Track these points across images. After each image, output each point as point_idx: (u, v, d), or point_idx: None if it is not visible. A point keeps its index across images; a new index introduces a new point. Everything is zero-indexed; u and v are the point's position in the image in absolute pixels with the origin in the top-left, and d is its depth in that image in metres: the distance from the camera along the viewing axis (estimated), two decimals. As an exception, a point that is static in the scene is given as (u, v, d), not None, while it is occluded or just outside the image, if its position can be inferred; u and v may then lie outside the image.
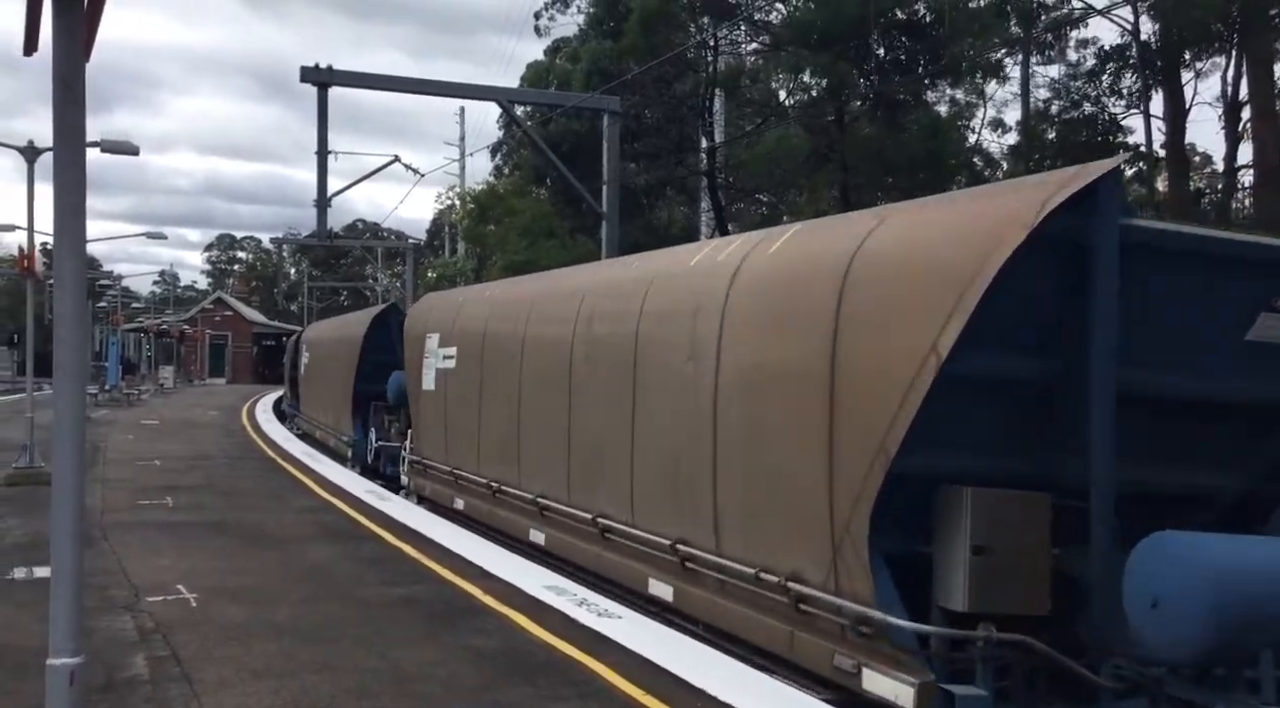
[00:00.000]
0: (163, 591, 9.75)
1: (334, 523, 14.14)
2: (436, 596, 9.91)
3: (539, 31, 39.08)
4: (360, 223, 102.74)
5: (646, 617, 9.16)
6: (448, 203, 55.67)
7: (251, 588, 10.01)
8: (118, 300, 68.21)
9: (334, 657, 7.79)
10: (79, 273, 4.58)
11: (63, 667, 4.50)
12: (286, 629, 8.53)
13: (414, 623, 8.86)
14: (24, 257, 19.89)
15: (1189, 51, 25.04)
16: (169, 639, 8.16)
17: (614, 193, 23.66)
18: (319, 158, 22.35)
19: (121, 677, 7.26)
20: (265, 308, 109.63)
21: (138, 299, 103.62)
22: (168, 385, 59.29)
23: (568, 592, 9.93)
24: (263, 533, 13.16)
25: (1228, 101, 25.90)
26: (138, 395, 46.58)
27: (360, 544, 12.60)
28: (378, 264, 75.45)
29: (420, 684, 7.18)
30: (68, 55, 4.41)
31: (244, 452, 24.21)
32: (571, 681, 7.29)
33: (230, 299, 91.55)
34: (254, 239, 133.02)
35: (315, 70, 21.43)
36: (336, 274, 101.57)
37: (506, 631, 8.63)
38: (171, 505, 15.32)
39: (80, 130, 4.52)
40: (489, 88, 25.63)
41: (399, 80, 23.19)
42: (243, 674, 7.32)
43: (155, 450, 23.09)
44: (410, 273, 45.57)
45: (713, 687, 7.04)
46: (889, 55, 29.47)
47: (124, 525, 13.37)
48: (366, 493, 16.91)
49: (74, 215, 4.47)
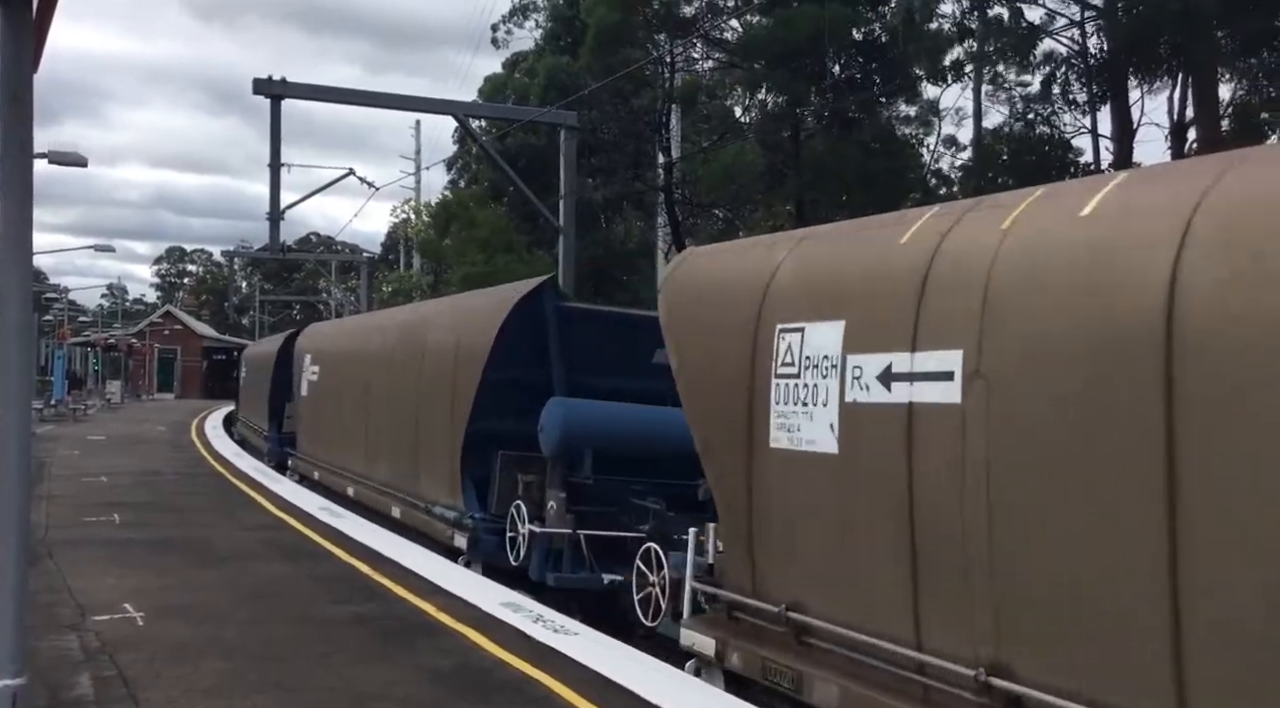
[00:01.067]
0: (109, 609, 9.55)
1: (286, 540, 13.96)
2: (390, 613, 9.80)
3: (496, 44, 39.21)
4: (314, 236, 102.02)
5: (601, 633, 9.13)
6: (403, 216, 55.41)
7: (200, 606, 9.84)
8: (64, 314, 67.13)
9: (286, 676, 7.67)
10: (25, 286, 4.49)
11: (5, 689, 4.40)
12: (236, 648, 8.39)
13: (368, 641, 8.75)
14: (-32, 268, 19.51)
15: (1138, 71, 25.51)
16: (115, 659, 7.99)
17: (570, 207, 23.69)
18: (272, 171, 22.23)
19: (66, 697, 7.10)
20: (216, 322, 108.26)
21: (85, 313, 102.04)
22: (115, 400, 58.29)
23: (523, 608, 9.88)
24: (212, 550, 12.96)
25: (1173, 123, 26.44)
26: (84, 411, 45.79)
27: (313, 562, 12.45)
28: (332, 278, 74.89)
29: (375, 704, 7.09)
30: (16, 65, 4.35)
31: (193, 468, 23.86)
32: (528, 698, 7.24)
33: (180, 313, 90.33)
34: (205, 252, 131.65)
35: (268, 82, 21.30)
36: (289, 288, 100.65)
37: (462, 648, 8.56)
38: (118, 522, 15.04)
39: (28, 141, 4.45)
40: (445, 102, 25.61)
41: (353, 93, 23.12)
42: (191, 694, 7.18)
43: (102, 466, 22.67)
44: (365, 287, 45.27)
45: (668, 703, 7.02)
46: (844, 73, 29.77)
47: (69, 543, 13.10)
48: (319, 510, 16.72)
49: (21, 227, 4.39)
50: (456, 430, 13.24)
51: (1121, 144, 26.34)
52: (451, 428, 13.42)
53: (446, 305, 16.51)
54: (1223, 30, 23.11)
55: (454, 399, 13.44)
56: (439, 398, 14.01)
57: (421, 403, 14.87)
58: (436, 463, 14.08)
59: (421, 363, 15.07)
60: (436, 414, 14.14)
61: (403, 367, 15.98)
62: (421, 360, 15.10)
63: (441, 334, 14.66)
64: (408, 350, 15.93)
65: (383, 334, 18.09)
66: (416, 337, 15.75)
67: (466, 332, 13.70)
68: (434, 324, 15.46)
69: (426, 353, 14.99)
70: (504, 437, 12.73)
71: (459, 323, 14.29)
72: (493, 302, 13.78)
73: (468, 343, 13.44)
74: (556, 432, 11.68)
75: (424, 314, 16.95)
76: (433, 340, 14.93)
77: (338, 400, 20.12)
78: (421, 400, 14.89)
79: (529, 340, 12.86)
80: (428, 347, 15.03)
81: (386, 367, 16.94)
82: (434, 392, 14.34)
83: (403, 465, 15.71)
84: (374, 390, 17.50)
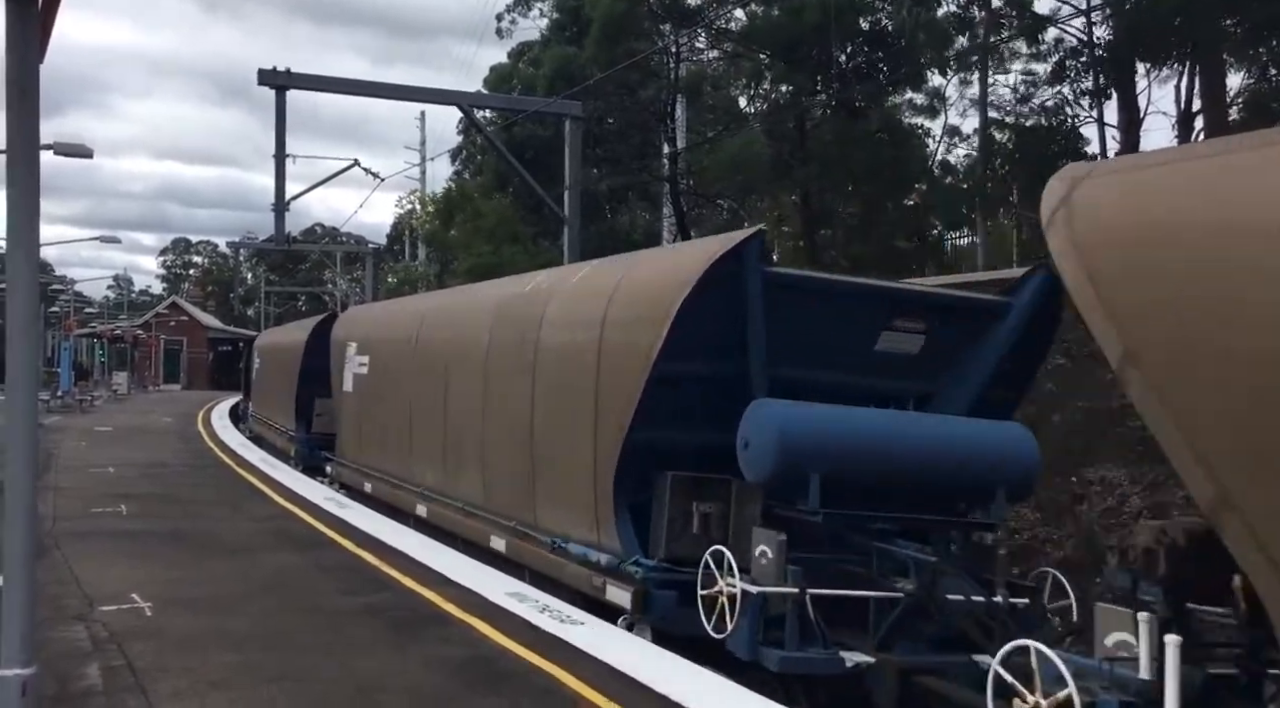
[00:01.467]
0: (117, 600, 9.58)
1: (293, 531, 13.98)
2: (398, 604, 9.82)
3: (500, 34, 39.10)
4: (319, 227, 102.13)
5: (608, 623, 9.14)
6: (409, 207, 55.43)
7: (208, 597, 9.86)
8: (70, 305, 67.24)
9: (294, 667, 7.69)
10: (32, 277, 4.49)
11: (14, 678, 4.42)
12: (244, 639, 8.41)
13: (376, 632, 8.77)
14: (-26, 260, 19.56)
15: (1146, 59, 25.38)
16: (123, 649, 8.02)
17: (575, 198, 23.65)
18: (277, 162, 22.18)
19: (75, 688, 7.12)
20: (221, 313, 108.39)
21: (91, 304, 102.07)
22: (121, 391, 58.40)
23: (529, 599, 9.89)
24: (219, 541, 12.99)
25: (1181, 112, 26.33)
26: (91, 402, 45.87)
27: (320, 552, 12.47)
28: (337, 269, 74.97)
29: (383, 695, 7.11)
30: (21, 57, 4.34)
31: (200, 458, 23.91)
32: (536, 687, 7.26)
33: (186, 304, 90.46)
34: (210, 243, 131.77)
35: (273, 73, 21.27)
36: (295, 279, 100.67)
37: (469, 639, 8.58)
38: (125, 513, 15.08)
39: (34, 132, 4.44)
40: (450, 92, 25.59)
41: (358, 84, 23.08)
42: (199, 685, 7.20)
43: (109, 457, 22.72)
44: (370, 278, 45.30)
45: (676, 693, 7.03)
46: (850, 63, 29.68)
47: (77, 534, 13.14)
48: (326, 500, 16.74)
49: (27, 219, 4.39)
50: (607, 442, 9.72)
51: (1128, 133, 26.25)
52: (596, 438, 9.99)
53: (585, 273, 11.97)
54: (1229, 19, 22.98)
55: (600, 399, 10.00)
56: (570, 397, 10.66)
57: (541, 403, 11.48)
58: (568, 484, 10.73)
59: (537, 351, 11.64)
60: (566, 418, 10.76)
61: (506, 355, 12.54)
62: (537, 347, 11.65)
63: (576, 313, 11.12)
64: (513, 335, 12.41)
65: (468, 316, 14.59)
66: (528, 317, 12.05)
67: (626, 308, 10.02)
68: (562, 299, 11.66)
69: (546, 338, 11.55)
70: (671, 451, 9.53)
71: (613, 296, 10.34)
72: (673, 264, 10.16)
73: (629, 323, 9.82)
74: (771, 448, 8.42)
75: (540, 287, 12.54)
76: (558, 320, 11.42)
77: (398, 398, 16.60)
78: (541, 400, 11.49)
79: (721, 320, 9.27)
80: (549, 330, 11.54)
81: (476, 355, 13.45)
82: (561, 389, 11.03)
83: (506, 483, 12.30)
84: (457, 385, 14.18)
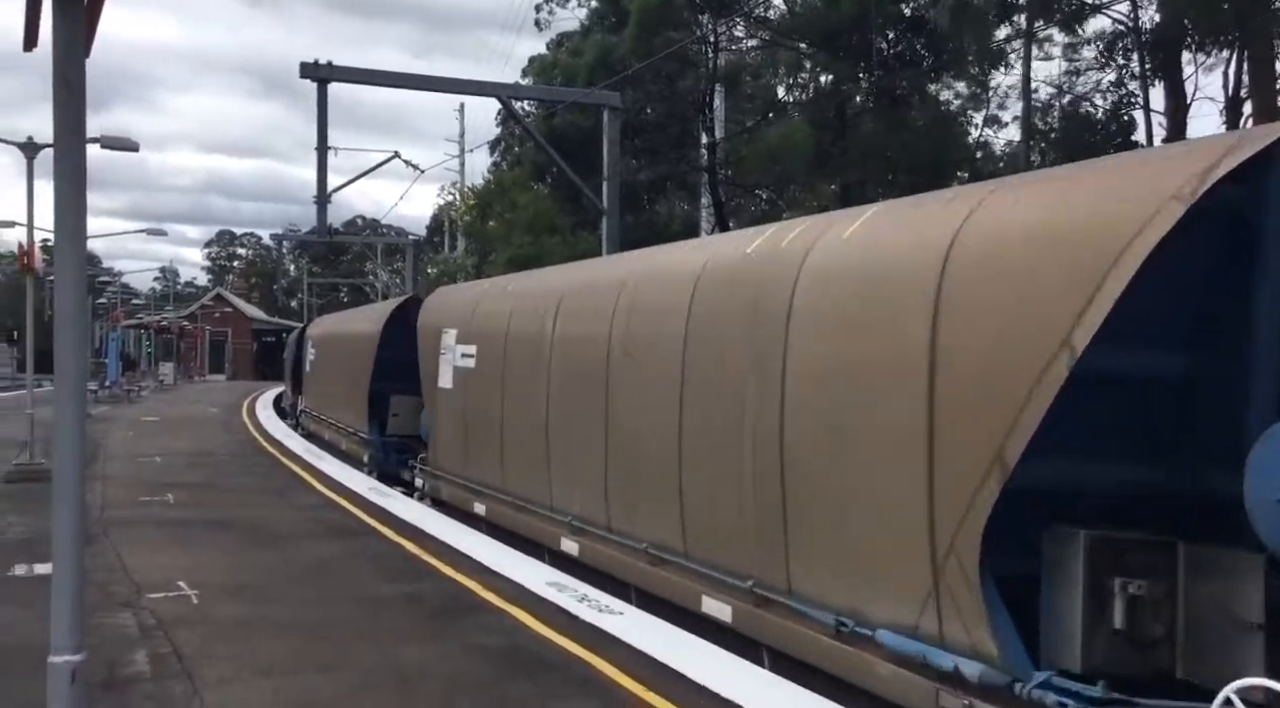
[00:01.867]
0: (164, 588, 9.73)
1: (335, 520, 14.12)
2: (438, 592, 9.89)
3: (539, 25, 39.18)
4: (360, 219, 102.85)
5: (647, 613, 9.16)
6: (449, 198, 55.69)
7: (253, 585, 10.00)
8: (117, 297, 68.22)
9: (336, 654, 7.78)
10: (80, 269, 4.56)
11: (64, 664, 4.49)
12: (288, 626, 8.52)
13: (416, 620, 8.85)
14: (24, 253, 19.88)
15: (1194, 44, 24.96)
16: (170, 636, 8.15)
17: (614, 188, 23.66)
18: (319, 154, 22.39)
19: (123, 674, 7.25)
20: (265, 304, 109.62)
21: (137, 296, 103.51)
22: (167, 382, 59.29)
23: (569, 588, 9.92)
24: (264, 530, 13.15)
25: (1228, 97, 25.87)
26: (137, 392, 46.56)
27: (361, 541, 12.59)
28: (377, 260, 75.52)
29: (423, 682, 7.17)
30: (68, 51, 4.40)
31: (245, 448, 24.20)
32: (573, 678, 7.29)
33: (230, 296, 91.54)
34: (254, 236, 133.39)
35: (315, 66, 21.43)
36: (336, 271, 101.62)
37: (508, 627, 8.62)
38: (172, 502, 15.30)
39: (81, 126, 4.50)
40: (489, 83, 25.64)
41: (399, 76, 23.20)
42: (244, 672, 7.31)
43: (155, 447, 23.07)
44: (410, 269, 45.56)
45: (714, 683, 7.03)
46: (891, 50, 29.42)
47: (124, 522, 13.35)
48: (368, 490, 16.90)
49: (75, 212, 4.45)
50: (962, 477, 6.03)
51: (1174, 118, 25.84)
52: (933, 470, 6.29)
53: (879, 213, 7.94)
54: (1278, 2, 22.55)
55: (943, 409, 6.27)
56: (869, 402, 6.93)
57: (801, 411, 7.58)
58: (864, 532, 6.95)
59: (789, 335, 7.72)
60: (861, 436, 7.03)
61: (721, 344, 8.70)
62: (788, 330, 7.74)
63: (879, 272, 7.12)
64: (735, 315, 8.54)
65: (647, 293, 10.35)
66: (766, 287, 8.18)
67: (1006, 257, 6.15)
68: (837, 253, 7.67)
69: (811, 313, 7.61)
70: (1071, 494, 6.03)
71: (963, 240, 6.39)
72: (1117, 182, 5.98)
73: (1016, 281, 5.97)
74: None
75: (787, 244, 8.36)
76: (837, 286, 7.51)
77: (524, 399, 12.78)
78: (801, 407, 7.58)
79: (1203, 281, 5.87)
80: (814, 299, 7.61)
81: (666, 345, 9.46)
82: (846, 388, 7.19)
83: (727, 524, 8.45)
84: (628, 385, 10.29)
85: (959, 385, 6.17)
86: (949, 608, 6.10)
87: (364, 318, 24.77)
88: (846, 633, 6.88)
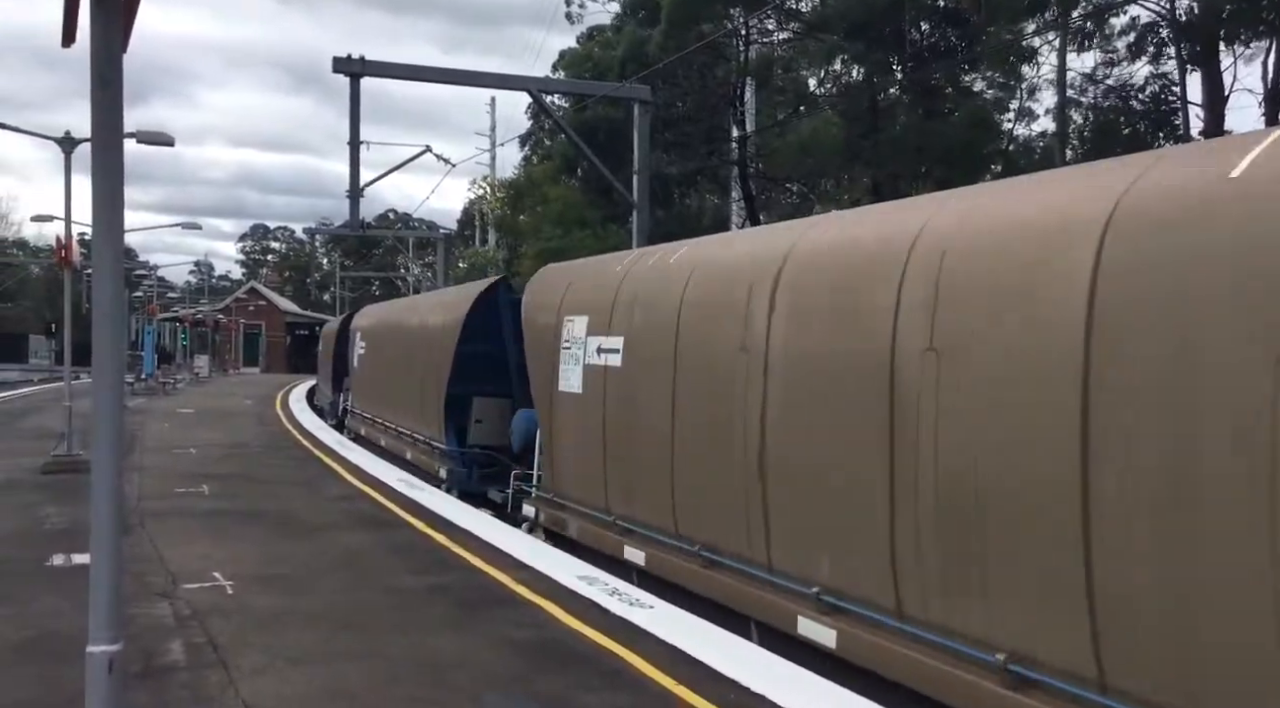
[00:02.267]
0: (199, 578, 9.84)
1: (366, 511, 14.22)
2: (468, 584, 9.94)
3: (570, 18, 39.18)
4: (392, 213, 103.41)
5: (677, 607, 9.16)
6: (480, 192, 55.86)
7: (286, 576, 10.09)
8: (154, 290, 68.97)
9: (368, 644, 7.84)
10: (117, 263, 4.60)
11: (102, 654, 4.52)
12: (321, 617, 8.59)
13: (446, 612, 8.89)
14: (62, 247, 20.11)
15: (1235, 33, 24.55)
16: (205, 626, 8.24)
17: (644, 182, 23.60)
18: (351, 148, 22.44)
19: (159, 663, 7.33)
20: (298, 298, 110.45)
21: (173, 289, 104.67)
22: (203, 375, 59.91)
23: (599, 581, 9.94)
24: (298, 521, 13.26)
25: (1268, 88, 25.46)
26: (173, 384, 47.05)
27: (392, 532, 12.67)
28: (409, 254, 75.85)
29: (453, 673, 7.21)
30: (105, 46, 4.43)
31: (278, 440, 24.40)
32: (603, 670, 7.30)
33: (264, 289, 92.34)
34: (287, 229, 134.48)
35: (347, 61, 21.51)
36: (368, 264, 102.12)
37: (538, 620, 8.65)
38: (207, 493, 15.46)
39: (117, 122, 4.53)
40: (519, 77, 25.66)
41: (430, 70, 23.23)
42: (278, 661, 7.38)
43: (191, 439, 23.31)
44: (441, 263, 45.70)
45: (744, 677, 7.02)
46: (924, 42, 29.19)
47: (161, 513, 13.51)
48: (398, 482, 16.99)
49: (111, 206, 4.49)
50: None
51: (1212, 111, 25.48)
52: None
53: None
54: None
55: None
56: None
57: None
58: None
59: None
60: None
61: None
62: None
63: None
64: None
65: (976, 258, 6.56)
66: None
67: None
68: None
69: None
70: None
71: None
72: None
73: None
74: None
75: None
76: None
77: (718, 415, 9.15)
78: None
79: None
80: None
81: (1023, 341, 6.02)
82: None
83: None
84: (944, 400, 6.53)
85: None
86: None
87: (438, 306, 20.72)
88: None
